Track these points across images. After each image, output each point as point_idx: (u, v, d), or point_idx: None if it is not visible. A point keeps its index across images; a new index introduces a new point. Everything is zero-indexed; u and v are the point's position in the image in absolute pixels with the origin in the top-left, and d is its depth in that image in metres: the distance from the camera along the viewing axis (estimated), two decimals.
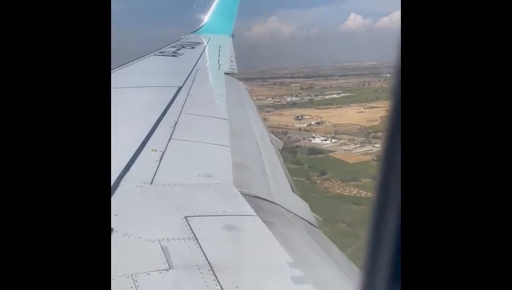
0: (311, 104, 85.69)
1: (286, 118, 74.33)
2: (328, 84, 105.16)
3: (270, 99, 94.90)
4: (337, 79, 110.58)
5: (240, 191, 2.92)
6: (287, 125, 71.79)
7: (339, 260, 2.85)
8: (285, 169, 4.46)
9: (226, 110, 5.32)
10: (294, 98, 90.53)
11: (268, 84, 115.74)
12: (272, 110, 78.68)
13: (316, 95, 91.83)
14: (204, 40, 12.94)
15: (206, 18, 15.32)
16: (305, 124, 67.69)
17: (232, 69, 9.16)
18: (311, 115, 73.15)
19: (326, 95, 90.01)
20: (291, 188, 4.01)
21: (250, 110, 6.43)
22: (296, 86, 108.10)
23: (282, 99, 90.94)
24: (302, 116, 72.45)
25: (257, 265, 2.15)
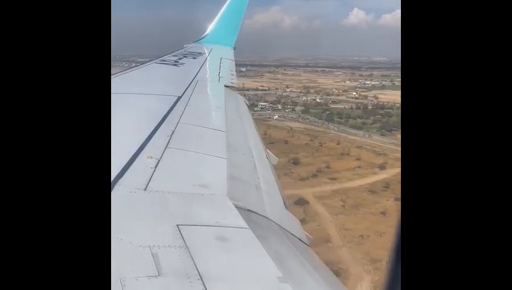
0: (398, 87, 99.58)
1: (392, 96, 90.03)
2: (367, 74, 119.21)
3: (348, 82, 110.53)
4: (371, 71, 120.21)
5: (233, 203, 2.93)
6: None
7: (327, 279, 2.85)
8: (279, 185, 4.47)
9: (223, 122, 5.34)
10: (374, 82, 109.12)
11: (309, 72, 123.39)
12: (367, 91, 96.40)
13: (391, 80, 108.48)
14: (206, 51, 13.01)
15: (210, 28, 15.44)
16: None
17: (232, 82, 9.21)
18: None
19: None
20: (284, 204, 4.01)
21: (247, 124, 6.46)
22: (339, 74, 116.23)
23: (363, 83, 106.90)
24: None
25: (246, 277, 2.14)
